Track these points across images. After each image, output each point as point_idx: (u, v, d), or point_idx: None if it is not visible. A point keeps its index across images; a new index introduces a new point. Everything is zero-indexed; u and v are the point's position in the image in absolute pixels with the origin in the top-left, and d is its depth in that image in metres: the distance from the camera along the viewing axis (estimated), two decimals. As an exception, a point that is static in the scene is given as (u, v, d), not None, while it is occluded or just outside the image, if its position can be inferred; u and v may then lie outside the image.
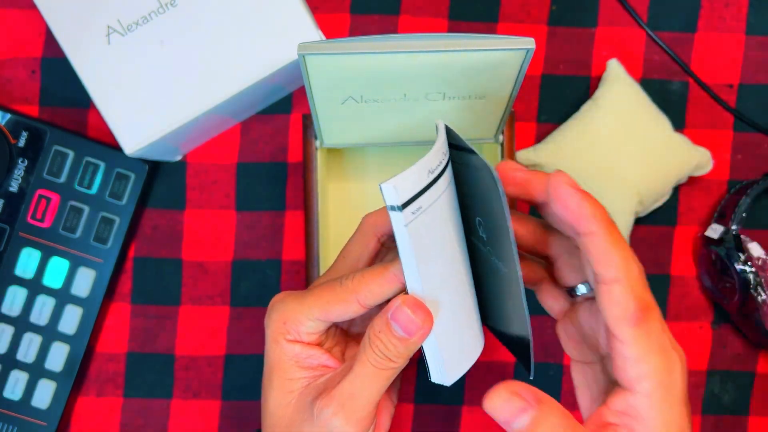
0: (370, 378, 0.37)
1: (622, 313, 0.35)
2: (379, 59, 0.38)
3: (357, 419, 0.38)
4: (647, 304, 0.35)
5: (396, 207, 0.33)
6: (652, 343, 0.35)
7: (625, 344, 0.35)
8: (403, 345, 0.37)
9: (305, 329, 0.39)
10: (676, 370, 0.36)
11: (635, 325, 0.35)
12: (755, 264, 0.52)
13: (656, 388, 0.35)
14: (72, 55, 0.48)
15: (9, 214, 0.54)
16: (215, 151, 0.56)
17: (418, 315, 0.36)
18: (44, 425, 0.54)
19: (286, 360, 0.40)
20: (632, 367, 0.35)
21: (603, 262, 0.35)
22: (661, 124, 0.53)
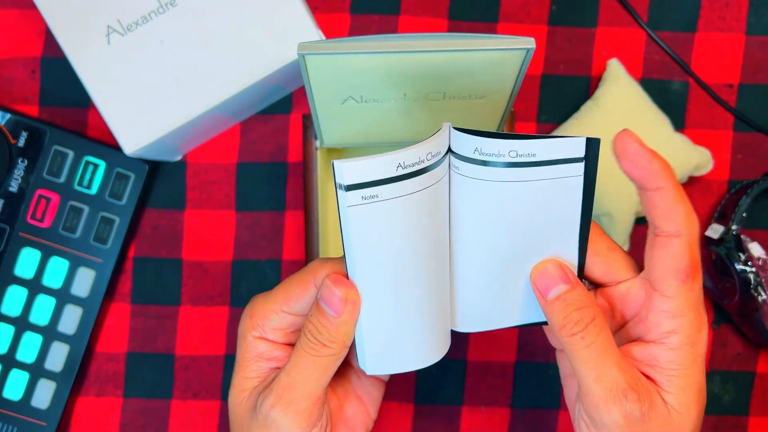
0: (307, 367, 0.38)
1: (676, 266, 0.36)
2: (379, 59, 0.38)
3: (296, 410, 0.38)
4: (697, 265, 0.37)
5: (341, 186, 0.34)
6: (692, 302, 0.37)
7: (668, 298, 0.36)
8: (333, 326, 0.37)
9: (270, 324, 0.40)
10: (703, 330, 0.37)
11: (683, 280, 0.36)
12: (755, 264, 0.52)
13: (684, 342, 0.36)
14: (72, 55, 0.48)
15: (9, 214, 0.54)
16: (215, 151, 0.56)
17: (340, 290, 0.37)
18: (44, 425, 0.54)
19: (248, 358, 0.40)
20: (667, 320, 0.36)
21: (668, 216, 0.36)
22: (661, 124, 0.53)
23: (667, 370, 0.37)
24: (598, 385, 0.36)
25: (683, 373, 0.37)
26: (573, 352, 0.36)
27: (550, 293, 0.37)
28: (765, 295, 0.52)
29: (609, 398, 0.35)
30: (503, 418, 0.56)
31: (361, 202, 0.34)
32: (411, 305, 0.38)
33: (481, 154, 0.36)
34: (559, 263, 0.38)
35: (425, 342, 0.40)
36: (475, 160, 0.36)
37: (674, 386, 0.37)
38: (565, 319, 0.36)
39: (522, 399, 0.56)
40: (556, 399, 0.56)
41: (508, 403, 0.56)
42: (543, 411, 0.56)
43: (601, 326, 0.36)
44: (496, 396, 0.56)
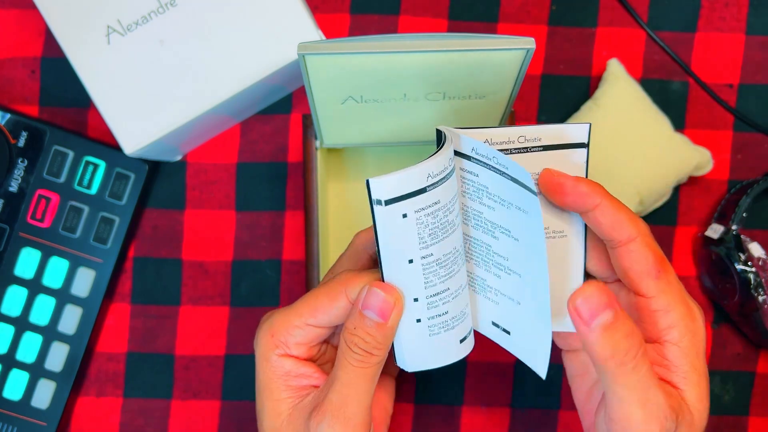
0: (356, 380, 0.38)
1: (644, 267, 0.37)
2: (379, 59, 0.38)
3: (353, 426, 0.37)
4: (663, 258, 0.37)
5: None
6: (675, 293, 0.37)
7: (652, 298, 0.37)
8: (380, 332, 0.37)
9: (294, 339, 0.39)
10: (698, 318, 0.38)
11: (657, 277, 0.37)
12: (755, 264, 0.52)
13: (684, 334, 0.37)
14: (72, 55, 0.48)
15: (9, 214, 0.54)
16: (215, 151, 0.56)
17: (389, 294, 0.37)
18: (44, 425, 0.54)
19: (275, 379, 0.39)
20: (661, 318, 0.37)
21: (615, 227, 0.37)
22: (661, 124, 0.53)
23: (680, 368, 0.37)
24: (642, 408, 0.35)
25: (692, 367, 0.37)
26: (618, 379, 0.35)
27: (594, 321, 0.34)
28: (765, 295, 0.52)
29: (651, 420, 0.35)
30: (503, 418, 0.56)
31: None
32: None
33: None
34: (602, 286, 0.35)
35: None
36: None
37: (689, 384, 0.37)
38: (614, 349, 0.35)
39: (522, 399, 0.56)
40: (556, 399, 0.56)
41: (508, 403, 0.56)
42: (543, 411, 0.56)
43: (646, 351, 0.35)
44: (496, 396, 0.56)
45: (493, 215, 0.38)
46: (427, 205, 0.36)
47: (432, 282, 0.38)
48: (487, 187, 0.38)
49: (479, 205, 0.39)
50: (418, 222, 0.36)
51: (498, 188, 0.37)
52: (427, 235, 0.37)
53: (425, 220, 0.36)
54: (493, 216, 0.38)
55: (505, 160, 0.36)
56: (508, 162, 0.36)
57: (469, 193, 0.39)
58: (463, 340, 0.40)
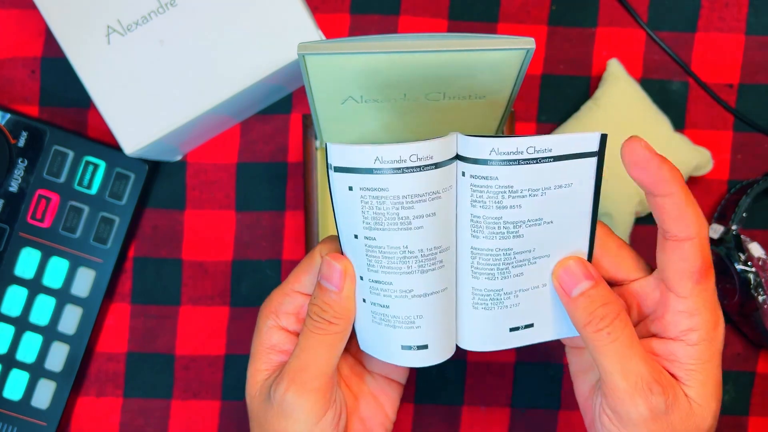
0: (315, 347, 0.39)
1: (689, 268, 0.37)
2: (379, 59, 0.38)
3: (309, 390, 0.38)
4: (710, 265, 0.37)
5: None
6: (707, 300, 0.37)
7: (683, 298, 0.37)
8: (337, 301, 0.38)
9: (283, 308, 0.41)
10: (720, 327, 0.38)
11: (698, 281, 0.37)
12: (755, 264, 0.52)
13: (702, 339, 0.37)
14: (72, 55, 0.48)
15: (9, 214, 0.54)
16: (215, 151, 0.56)
17: (339, 262, 0.38)
18: (44, 425, 0.54)
19: (261, 350, 0.41)
20: (685, 319, 0.37)
21: (679, 221, 0.37)
22: (661, 124, 0.53)
23: (686, 365, 0.37)
24: (624, 379, 0.36)
25: (702, 368, 0.37)
26: (598, 348, 0.37)
27: (574, 290, 0.38)
28: (765, 295, 0.52)
29: (635, 392, 0.36)
30: (503, 418, 0.56)
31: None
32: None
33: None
34: (582, 260, 0.38)
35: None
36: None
37: (694, 380, 0.37)
38: (590, 315, 0.37)
39: (522, 399, 0.56)
40: (556, 399, 0.56)
41: (508, 403, 0.56)
42: (543, 411, 0.56)
43: (626, 321, 0.37)
44: (496, 396, 0.56)
45: (517, 213, 0.38)
46: (372, 187, 0.36)
47: (374, 267, 0.38)
48: (511, 186, 0.37)
49: (497, 210, 0.38)
50: (362, 200, 0.37)
51: (527, 181, 0.37)
52: (370, 217, 0.37)
53: (370, 201, 0.37)
54: (517, 214, 0.38)
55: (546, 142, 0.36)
56: (551, 141, 0.36)
57: (482, 202, 0.38)
58: (406, 347, 0.39)
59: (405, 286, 0.38)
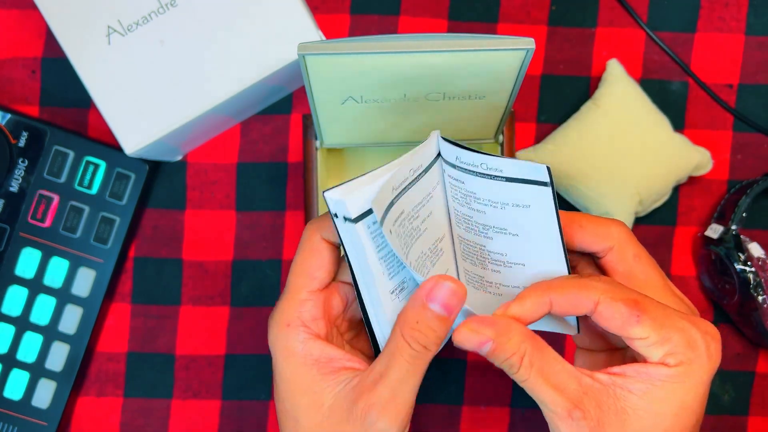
0: (408, 376, 0.37)
1: (621, 320, 0.36)
2: (379, 59, 0.38)
3: (401, 420, 0.37)
4: (636, 300, 0.37)
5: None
6: (666, 325, 0.37)
7: (644, 338, 0.37)
8: (443, 326, 0.37)
9: (309, 315, 0.39)
10: (698, 347, 0.37)
11: (638, 321, 0.36)
12: (755, 264, 0.52)
13: (682, 362, 0.36)
14: (72, 55, 0.48)
15: (9, 214, 0.54)
16: (215, 151, 0.56)
17: (459, 285, 0.36)
18: (44, 425, 0.54)
19: (308, 370, 0.38)
20: (658, 348, 0.37)
21: (577, 305, 0.37)
22: (661, 124, 0.54)
23: (653, 380, 0.37)
24: (544, 408, 0.37)
25: (667, 387, 0.36)
26: (521, 384, 0.37)
27: (481, 352, 0.37)
28: (764, 295, 0.52)
29: (555, 418, 0.36)
30: (503, 418, 0.56)
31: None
32: None
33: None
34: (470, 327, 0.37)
35: None
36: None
37: (651, 395, 0.36)
38: (501, 366, 0.37)
39: (522, 399, 0.56)
40: (556, 399, 0.56)
41: (508, 403, 0.56)
42: (543, 411, 0.56)
43: (531, 362, 0.36)
44: (496, 396, 0.56)
45: (484, 218, 0.39)
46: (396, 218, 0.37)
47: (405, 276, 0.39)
48: (474, 192, 0.38)
49: (468, 209, 0.39)
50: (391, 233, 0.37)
51: (487, 192, 0.38)
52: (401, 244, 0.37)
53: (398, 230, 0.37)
54: (484, 219, 0.39)
55: (497, 163, 0.36)
56: (502, 163, 0.36)
57: (457, 199, 0.39)
58: None
59: None
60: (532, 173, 0.37)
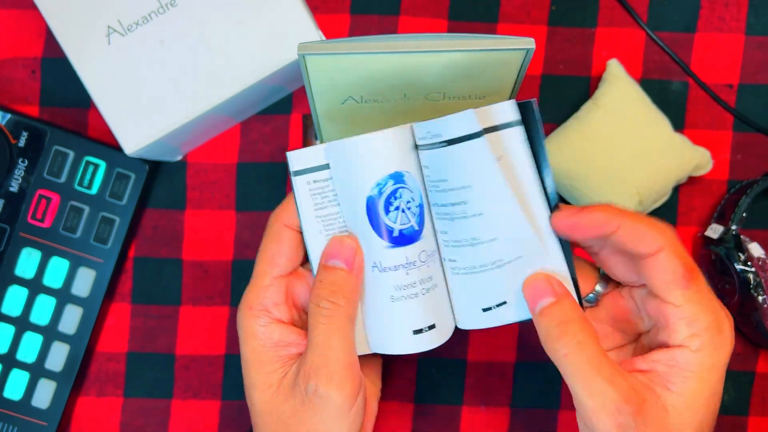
0: (328, 335, 0.38)
1: (673, 276, 0.36)
2: (379, 59, 0.38)
3: (340, 381, 0.38)
4: (693, 266, 0.37)
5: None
6: (704, 303, 0.37)
7: (679, 307, 0.37)
8: (346, 279, 0.38)
9: (270, 300, 0.40)
10: (725, 332, 0.37)
11: (686, 286, 0.36)
12: (755, 264, 0.52)
13: (706, 344, 0.36)
14: (72, 55, 0.48)
15: (9, 214, 0.54)
16: (215, 151, 0.56)
17: (350, 239, 0.39)
18: (44, 425, 0.54)
19: (265, 352, 0.40)
20: (685, 327, 0.37)
21: (640, 241, 0.37)
22: (661, 124, 0.54)
23: (684, 371, 0.37)
24: (590, 398, 0.36)
25: (699, 377, 0.37)
26: (559, 366, 0.37)
27: (537, 306, 0.38)
28: (765, 295, 0.52)
29: (601, 411, 0.36)
30: (503, 418, 0.56)
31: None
32: None
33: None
34: (548, 276, 0.38)
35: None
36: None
37: (686, 388, 0.37)
38: (546, 334, 0.37)
39: (522, 399, 0.56)
40: (556, 399, 0.56)
41: (508, 403, 0.56)
42: (543, 411, 0.56)
43: (586, 342, 0.36)
44: (496, 396, 0.56)
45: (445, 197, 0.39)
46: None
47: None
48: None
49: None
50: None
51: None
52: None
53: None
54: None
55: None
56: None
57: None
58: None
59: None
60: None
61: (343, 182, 0.39)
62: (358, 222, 0.39)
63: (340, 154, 0.39)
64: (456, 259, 0.40)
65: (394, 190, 0.39)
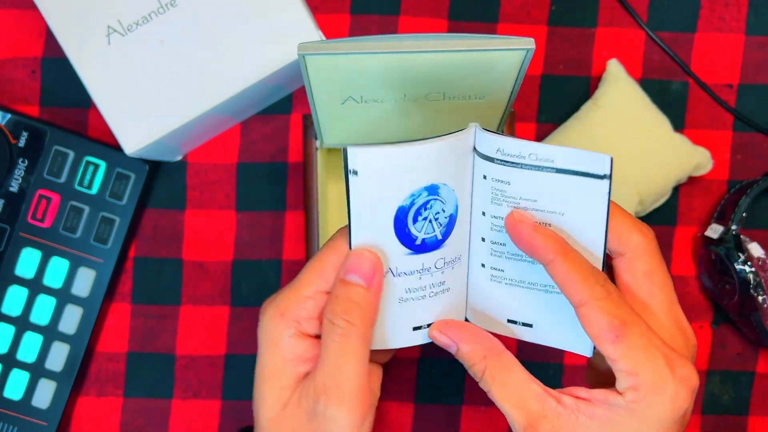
0: (341, 356, 0.36)
1: (598, 332, 0.36)
2: (379, 59, 0.38)
3: (350, 404, 0.37)
4: (623, 320, 0.35)
5: None
6: (640, 357, 0.35)
7: (613, 360, 0.36)
8: (364, 295, 0.37)
9: (305, 313, 0.38)
10: (665, 390, 0.36)
11: (614, 341, 0.35)
12: (755, 264, 0.52)
13: (640, 401, 0.36)
14: (72, 55, 0.48)
15: (9, 214, 0.54)
16: (215, 151, 0.56)
17: (371, 253, 0.37)
18: (44, 425, 0.54)
19: (284, 365, 0.38)
20: (625, 378, 0.36)
21: (568, 287, 0.36)
22: (661, 124, 0.54)
23: (613, 408, 0.36)
24: (507, 418, 0.39)
25: (622, 422, 0.36)
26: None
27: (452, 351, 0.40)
28: (765, 295, 0.52)
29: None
30: (503, 418, 0.56)
31: None
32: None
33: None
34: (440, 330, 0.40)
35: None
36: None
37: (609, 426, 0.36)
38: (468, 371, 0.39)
39: (522, 399, 0.56)
40: (556, 399, 0.56)
41: (508, 403, 0.56)
42: (543, 411, 0.56)
43: (492, 376, 0.38)
44: (496, 396, 0.56)
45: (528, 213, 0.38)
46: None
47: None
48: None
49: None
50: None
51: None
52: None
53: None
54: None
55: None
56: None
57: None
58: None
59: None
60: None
61: (372, 189, 0.37)
62: (382, 230, 0.37)
63: (374, 162, 0.36)
64: (505, 269, 0.39)
65: (426, 201, 0.37)
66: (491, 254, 0.40)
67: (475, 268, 0.41)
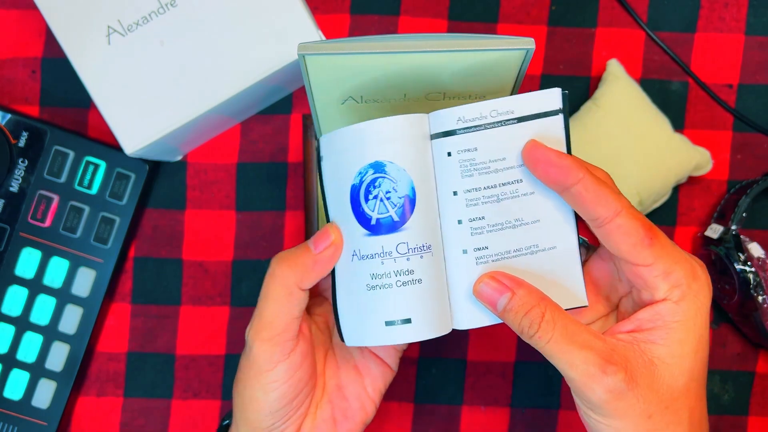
0: (271, 298, 0.39)
1: (636, 238, 0.37)
2: (379, 59, 0.38)
3: (263, 339, 0.39)
4: (650, 224, 0.37)
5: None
6: (673, 255, 0.37)
7: (650, 265, 0.37)
8: (301, 253, 0.39)
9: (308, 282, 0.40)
10: (700, 279, 0.38)
11: (650, 244, 0.37)
12: (755, 264, 0.52)
13: (685, 294, 0.37)
14: (72, 55, 0.48)
15: (9, 214, 0.54)
16: (215, 151, 0.56)
17: (333, 232, 0.39)
18: (44, 425, 0.54)
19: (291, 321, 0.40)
20: (663, 281, 0.37)
21: (599, 201, 0.37)
22: (661, 124, 0.54)
23: (669, 323, 0.37)
24: (573, 371, 0.36)
25: (683, 326, 0.37)
26: (541, 350, 0.37)
27: (497, 307, 0.38)
28: (764, 295, 0.52)
29: (588, 380, 0.36)
30: (503, 418, 0.56)
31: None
32: None
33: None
34: (492, 276, 0.39)
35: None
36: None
37: (671, 339, 0.37)
38: (519, 326, 0.38)
39: (522, 399, 0.56)
40: (556, 399, 0.56)
41: (508, 403, 0.56)
42: (543, 411, 0.56)
43: (553, 319, 0.37)
44: (496, 396, 0.56)
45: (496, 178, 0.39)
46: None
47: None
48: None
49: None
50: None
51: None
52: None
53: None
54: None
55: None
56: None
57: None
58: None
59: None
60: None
61: (332, 171, 0.40)
62: (343, 210, 0.40)
63: (330, 145, 0.39)
64: (489, 245, 0.40)
65: (373, 179, 0.39)
66: (472, 234, 0.40)
67: (456, 260, 0.40)
